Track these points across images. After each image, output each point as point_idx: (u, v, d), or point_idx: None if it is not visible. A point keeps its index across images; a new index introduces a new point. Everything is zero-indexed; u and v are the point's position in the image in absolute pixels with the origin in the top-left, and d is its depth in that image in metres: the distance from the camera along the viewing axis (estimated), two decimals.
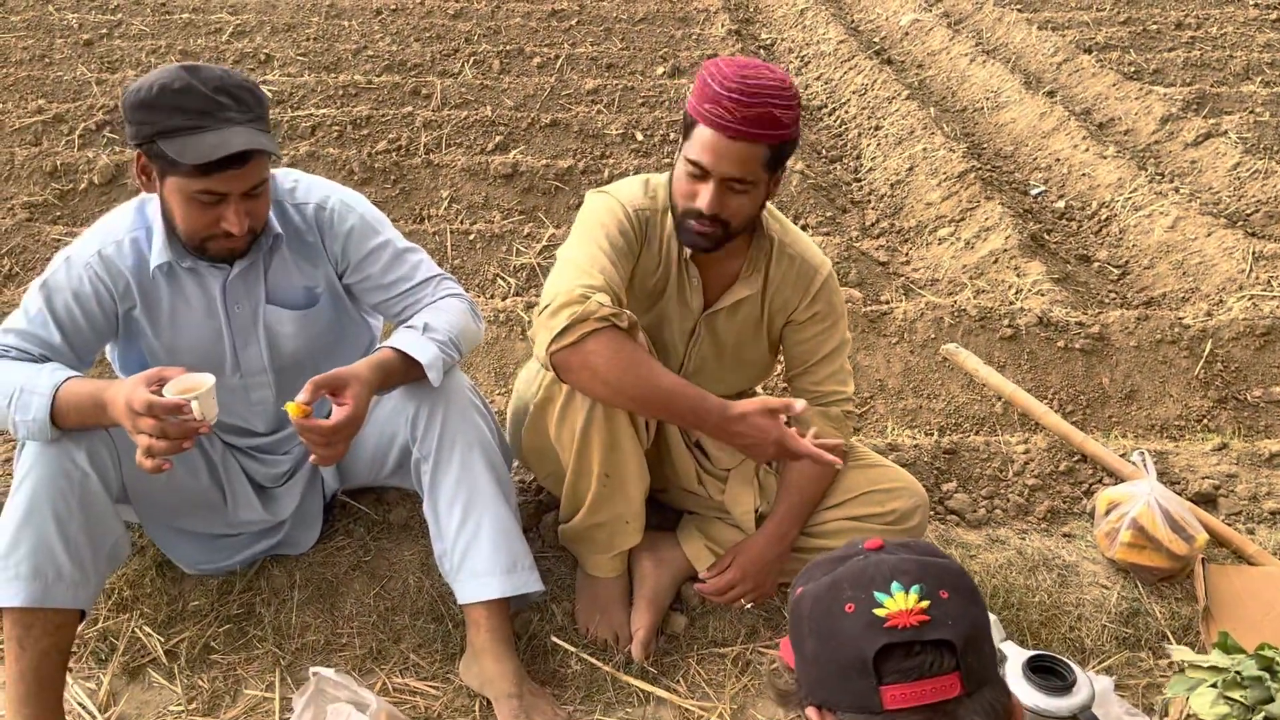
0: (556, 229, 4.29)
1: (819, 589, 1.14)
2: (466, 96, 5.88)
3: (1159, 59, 6.45)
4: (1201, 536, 2.29)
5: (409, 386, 2.07)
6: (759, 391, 2.54)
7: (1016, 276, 3.92)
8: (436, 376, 2.01)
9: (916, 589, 1.08)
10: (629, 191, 2.09)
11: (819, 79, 6.82)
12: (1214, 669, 1.68)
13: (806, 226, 4.49)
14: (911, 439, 2.79)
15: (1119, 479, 2.57)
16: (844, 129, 5.98)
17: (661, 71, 6.54)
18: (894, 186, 5.07)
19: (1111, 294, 4.06)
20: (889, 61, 7.00)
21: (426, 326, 2.05)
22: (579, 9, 7.91)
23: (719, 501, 2.28)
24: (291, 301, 2.07)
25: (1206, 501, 2.57)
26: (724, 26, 7.46)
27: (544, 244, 4.15)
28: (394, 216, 4.50)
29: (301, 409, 1.82)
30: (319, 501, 2.34)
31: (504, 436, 2.24)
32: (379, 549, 2.35)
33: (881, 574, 1.11)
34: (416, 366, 2.00)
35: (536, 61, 6.61)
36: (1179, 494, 2.52)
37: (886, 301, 3.71)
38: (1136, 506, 2.31)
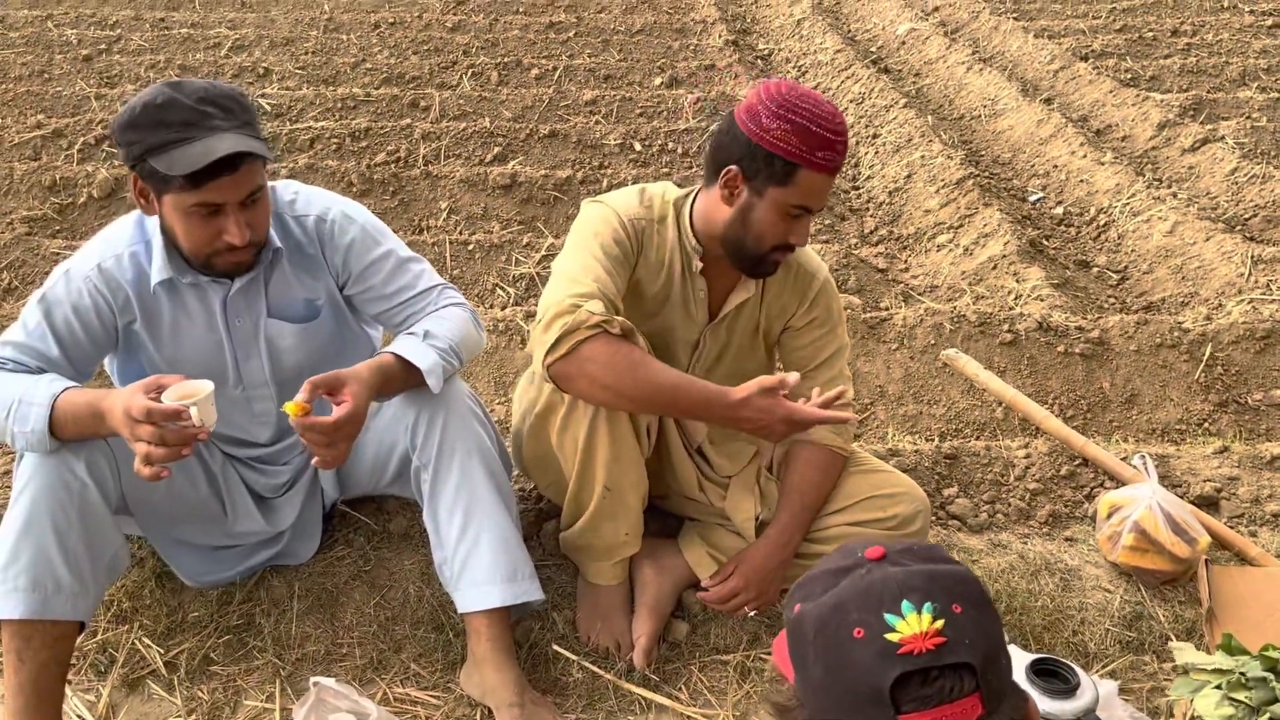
0: (555, 239, 4.29)
1: (822, 611, 1.06)
2: (465, 108, 5.89)
3: (1155, 66, 6.46)
4: (1204, 539, 2.28)
5: (408, 394, 2.07)
6: None
7: (1016, 282, 3.92)
8: (436, 383, 2.00)
9: (929, 608, 1.01)
10: (624, 201, 2.09)
11: (816, 88, 6.84)
12: (1218, 671, 1.67)
13: None
14: (912, 445, 2.78)
15: (1120, 482, 2.57)
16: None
17: (659, 82, 6.55)
18: (892, 194, 5.07)
19: (1111, 299, 4.06)
20: (886, 70, 7.02)
21: (427, 333, 2.05)
22: (576, 21, 7.93)
23: (720, 508, 2.28)
24: (292, 314, 2.07)
25: (1208, 504, 2.56)
26: (721, 37, 7.47)
27: (543, 253, 4.16)
28: (393, 227, 4.46)
29: (301, 408, 1.80)
30: (319, 512, 2.34)
31: (504, 445, 2.23)
32: (379, 559, 2.34)
33: (889, 592, 1.04)
34: (416, 373, 1.99)
35: (534, 73, 6.62)
36: (1181, 497, 2.51)
37: (886, 308, 3.71)
38: (1138, 510, 2.31)
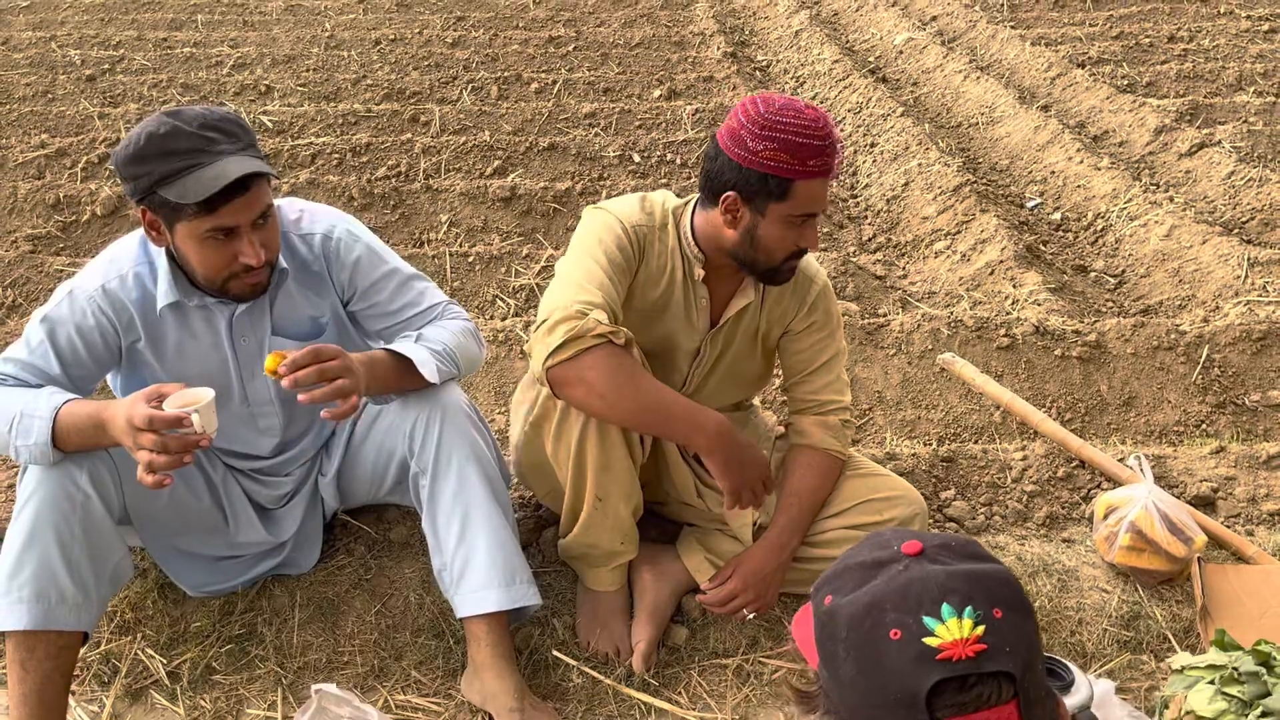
0: (555, 250, 4.32)
1: (856, 608, 1.03)
2: (465, 123, 5.93)
3: (1152, 72, 6.48)
4: (1200, 538, 2.29)
5: (406, 400, 2.09)
6: (755, 403, 2.56)
7: (1013, 287, 3.93)
8: (431, 373, 2.01)
9: (970, 613, 0.98)
10: (626, 208, 2.11)
11: (814, 98, 6.86)
12: (1211, 666, 1.68)
13: None
14: (910, 449, 2.80)
15: (1117, 483, 2.58)
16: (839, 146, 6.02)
17: (658, 94, 6.59)
18: (890, 201, 5.10)
19: (1108, 303, 4.07)
20: (884, 80, 7.05)
21: (420, 335, 2.08)
22: (576, 35, 7.98)
23: (718, 514, 2.28)
24: (297, 333, 2.08)
25: (1205, 504, 2.57)
26: (720, 49, 7.52)
27: (542, 264, 4.18)
28: (394, 241, 4.53)
29: (278, 356, 1.82)
30: (320, 521, 2.35)
31: (501, 453, 2.25)
32: (379, 567, 2.36)
33: (929, 593, 1.00)
34: (411, 374, 2.01)
35: (534, 87, 6.66)
36: (1178, 497, 2.52)
37: (884, 315, 3.72)
38: (1134, 510, 2.32)
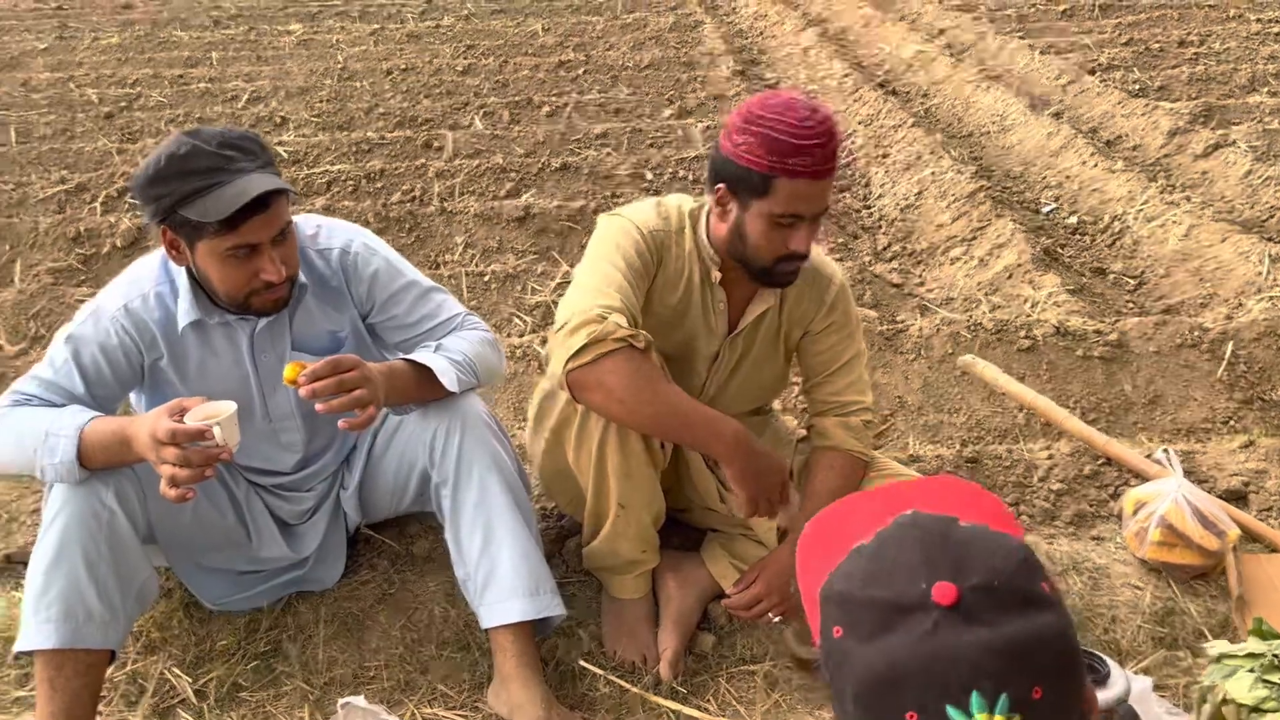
0: (570, 267, 4.32)
1: (870, 671, 0.86)
2: (478, 146, 5.97)
3: (1164, 76, 6.46)
4: (1233, 531, 2.26)
5: (426, 411, 2.09)
6: (775, 407, 2.55)
7: (1032, 290, 3.91)
8: (450, 382, 2.01)
9: (1003, 707, 0.81)
10: (642, 214, 2.11)
11: None
12: (1250, 655, 1.65)
13: None
14: (934, 451, 2.77)
15: (1145, 479, 2.54)
16: (851, 158, 6.02)
17: (669, 114, 6.61)
18: (904, 210, 5.08)
19: (1129, 303, 4.03)
20: (894, 93, 7.06)
21: (439, 346, 2.08)
22: (585, 59, 8.03)
23: (742, 519, 2.27)
24: (316, 348, 2.09)
25: (1237, 498, 2.54)
26: (729, 68, 7.55)
27: (558, 281, 4.19)
28: (410, 263, 4.54)
29: (297, 367, 1.83)
30: (342, 536, 2.35)
31: (521, 464, 2.24)
32: (403, 581, 2.35)
33: (957, 676, 0.83)
34: (431, 383, 2.01)
35: (545, 110, 6.70)
36: (1208, 492, 2.49)
37: (902, 321, 3.70)
38: (1164, 504, 2.29)
